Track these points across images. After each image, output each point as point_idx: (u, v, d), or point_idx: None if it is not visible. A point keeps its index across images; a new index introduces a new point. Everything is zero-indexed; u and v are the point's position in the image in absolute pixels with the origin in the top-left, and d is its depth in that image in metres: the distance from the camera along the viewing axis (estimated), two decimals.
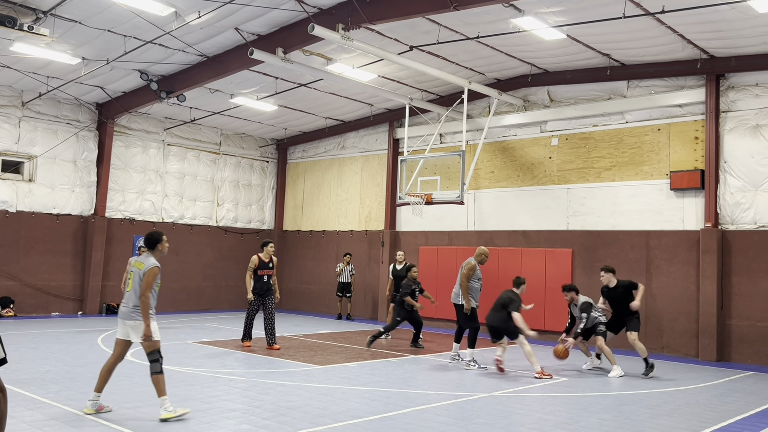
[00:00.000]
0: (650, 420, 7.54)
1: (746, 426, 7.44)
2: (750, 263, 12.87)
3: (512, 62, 14.90)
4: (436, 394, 8.57)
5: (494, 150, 16.95)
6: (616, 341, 12.87)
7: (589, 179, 15.19)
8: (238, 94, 16.96)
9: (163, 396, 6.79)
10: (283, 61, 13.26)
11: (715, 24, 11.66)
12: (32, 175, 16.93)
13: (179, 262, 19.55)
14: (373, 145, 19.78)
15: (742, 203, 13.05)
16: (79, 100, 17.46)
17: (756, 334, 12.68)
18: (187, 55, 14.47)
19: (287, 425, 6.66)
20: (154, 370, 6.88)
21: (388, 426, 6.80)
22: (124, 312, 7.07)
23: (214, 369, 9.86)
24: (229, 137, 21.10)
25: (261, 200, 22.09)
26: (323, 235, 20.71)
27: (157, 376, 6.85)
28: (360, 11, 11.72)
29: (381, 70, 15.28)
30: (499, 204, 16.73)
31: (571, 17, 11.78)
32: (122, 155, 18.52)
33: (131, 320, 7.00)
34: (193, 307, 19.86)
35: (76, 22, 12.47)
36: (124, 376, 8.97)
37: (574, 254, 15.15)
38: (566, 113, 15.55)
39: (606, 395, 8.96)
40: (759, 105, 13.03)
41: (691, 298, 13.46)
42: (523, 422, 7.21)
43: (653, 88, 14.38)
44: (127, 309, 7.05)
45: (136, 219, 18.70)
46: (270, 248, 12.47)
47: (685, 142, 13.91)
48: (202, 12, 11.85)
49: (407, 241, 18.48)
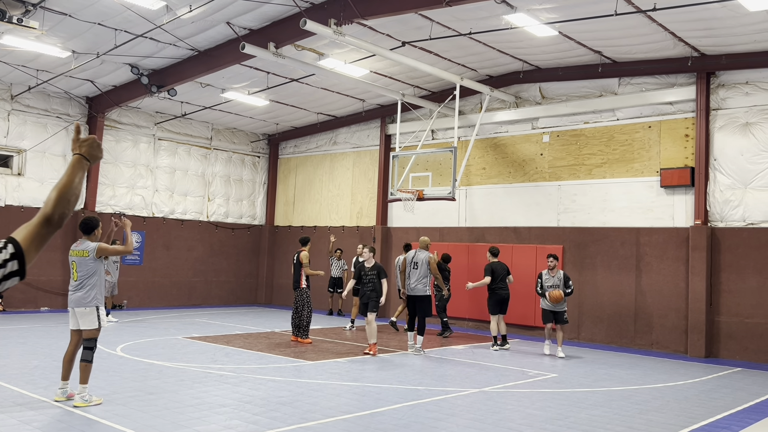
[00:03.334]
0: (639, 416, 7.59)
1: (734, 421, 7.50)
2: (739, 260, 12.96)
3: (504, 59, 14.90)
4: (426, 390, 8.59)
5: (486, 146, 16.97)
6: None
7: (580, 176, 15.23)
8: (230, 89, 16.89)
9: (84, 384, 6.99)
10: (274, 56, 13.21)
11: (706, 22, 11.71)
12: (21, 169, 16.80)
13: (170, 257, 19.48)
14: (365, 140, 19.76)
15: (732, 201, 13.13)
16: (69, 93, 17.33)
17: (744, 330, 12.78)
18: (178, 49, 14.39)
19: (278, 420, 6.66)
20: (85, 357, 7.07)
21: (379, 422, 6.80)
22: (72, 299, 7.21)
23: (204, 364, 9.83)
24: (221, 132, 21.01)
25: (252, 195, 22.03)
26: (314, 231, 20.69)
27: (86, 363, 7.04)
28: (352, 6, 11.69)
29: (373, 66, 15.25)
30: (491, 200, 16.76)
31: (563, 14, 11.80)
32: (112, 149, 18.41)
33: (80, 307, 7.14)
34: (184, 302, 19.79)
35: (66, 15, 12.37)
36: (114, 371, 8.94)
37: (565, 251, 15.20)
38: (558, 110, 15.58)
39: (595, 391, 9.00)
40: (749, 103, 13.10)
41: (680, 295, 13.54)
42: (513, 418, 7.24)
43: (644, 85, 14.43)
44: (75, 296, 7.18)
45: (127, 214, 18.61)
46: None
47: (676, 139, 13.97)
48: (194, 6, 11.78)
49: (399, 237, 18.48)
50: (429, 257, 12.19)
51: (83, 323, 7.15)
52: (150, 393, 7.73)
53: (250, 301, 21.61)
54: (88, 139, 2.28)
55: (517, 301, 15.68)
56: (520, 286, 14.99)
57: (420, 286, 12.04)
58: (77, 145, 2.27)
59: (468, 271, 16.15)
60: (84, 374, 7.02)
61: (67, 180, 2.16)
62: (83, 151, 2.25)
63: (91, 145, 2.28)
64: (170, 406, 7.11)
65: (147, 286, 18.95)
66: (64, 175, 2.17)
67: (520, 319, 15.53)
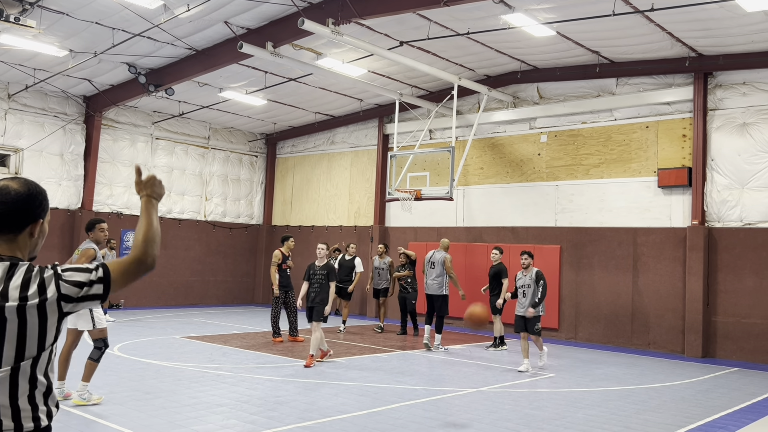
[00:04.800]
0: (636, 415, 7.60)
1: (731, 421, 7.51)
2: (735, 260, 12.98)
3: (502, 59, 14.91)
4: (424, 390, 8.59)
5: (483, 146, 16.98)
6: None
7: (578, 176, 15.25)
8: (227, 88, 16.87)
9: (85, 382, 7.03)
10: (272, 56, 13.20)
11: (703, 22, 11.72)
12: (18, 168, 16.77)
13: (167, 256, 19.45)
14: (363, 140, 19.75)
15: (729, 201, 13.15)
16: (66, 92, 17.30)
17: (740, 330, 12.80)
18: (175, 49, 14.37)
19: (275, 420, 6.65)
20: (92, 355, 7.13)
21: (376, 421, 6.80)
22: None
23: (201, 364, 9.83)
24: (218, 131, 20.99)
25: (250, 195, 22.01)
26: (312, 231, 20.68)
27: (91, 362, 7.10)
28: (350, 6, 11.69)
29: (371, 66, 15.25)
30: (488, 200, 16.77)
31: (561, 14, 11.81)
32: (110, 149, 18.38)
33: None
34: (181, 302, 19.77)
35: (64, 14, 12.35)
36: (111, 371, 8.92)
37: (562, 251, 15.22)
38: (555, 110, 15.59)
39: (592, 391, 9.01)
40: (746, 103, 13.13)
41: (677, 295, 13.56)
42: (510, 417, 7.24)
43: (642, 85, 14.45)
44: None
45: (124, 213, 18.58)
46: (291, 243, 12.97)
47: (673, 139, 13.99)
48: (191, 5, 11.77)
49: (396, 236, 18.49)
50: (444, 257, 12.61)
51: (80, 324, 7.19)
52: (147, 392, 7.72)
53: (247, 300, 21.59)
54: (148, 180, 2.46)
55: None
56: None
57: (435, 285, 12.49)
58: (141, 188, 2.46)
59: (465, 270, 16.16)
60: (87, 371, 7.06)
61: (146, 223, 2.35)
62: (148, 192, 2.45)
63: (153, 184, 2.47)
64: (167, 406, 7.10)
65: (144, 285, 18.93)
66: (143, 219, 2.37)
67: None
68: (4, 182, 2.24)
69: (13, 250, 2.22)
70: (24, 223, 2.23)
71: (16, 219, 2.21)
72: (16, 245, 2.23)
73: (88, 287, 2.14)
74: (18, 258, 2.20)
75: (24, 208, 2.22)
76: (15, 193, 2.21)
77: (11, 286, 2.08)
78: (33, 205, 2.25)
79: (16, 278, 2.10)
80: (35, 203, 2.26)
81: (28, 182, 2.27)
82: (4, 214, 2.19)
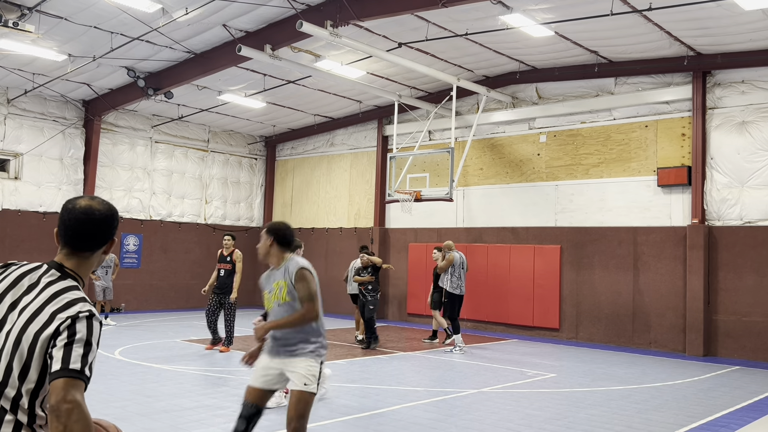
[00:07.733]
0: (638, 415, 7.59)
1: (733, 420, 7.50)
2: (736, 259, 12.98)
3: (501, 59, 14.92)
4: (425, 391, 8.59)
5: (483, 147, 16.98)
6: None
7: (577, 176, 15.25)
8: (226, 91, 16.88)
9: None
10: (271, 58, 13.21)
11: (701, 21, 11.73)
12: (18, 172, 16.78)
13: (167, 259, 19.45)
14: (362, 142, 19.76)
15: (729, 199, 13.16)
16: (65, 97, 17.31)
17: (741, 328, 12.80)
18: (174, 52, 14.38)
19: (276, 423, 6.65)
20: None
21: (378, 423, 6.80)
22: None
23: (203, 367, 9.82)
24: (217, 134, 21.00)
25: (250, 197, 22.01)
26: (312, 233, 20.68)
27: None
28: (348, 8, 11.69)
29: (370, 67, 15.25)
30: (488, 201, 16.77)
31: (559, 14, 11.82)
32: (109, 153, 18.39)
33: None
34: (182, 305, 19.76)
35: (62, 19, 12.36)
36: (112, 374, 8.92)
37: (563, 251, 15.22)
38: (554, 110, 15.60)
39: (594, 390, 9.01)
40: (745, 102, 13.13)
41: (678, 294, 13.55)
42: (512, 418, 7.24)
43: (641, 85, 14.45)
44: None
45: (124, 217, 18.57)
46: (226, 241, 11.81)
47: (672, 138, 14.00)
48: (190, 8, 11.78)
49: (396, 238, 18.49)
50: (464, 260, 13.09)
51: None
52: (148, 396, 7.72)
53: (248, 303, 21.57)
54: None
55: (517, 301, 15.70)
56: (517, 286, 15.00)
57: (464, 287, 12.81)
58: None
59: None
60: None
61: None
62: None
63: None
64: (169, 410, 7.10)
65: (145, 289, 18.93)
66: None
67: (520, 319, 15.54)
68: (85, 203, 2.23)
69: (79, 267, 2.21)
70: (103, 242, 2.25)
71: (98, 239, 2.23)
72: (87, 263, 2.23)
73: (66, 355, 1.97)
74: (78, 276, 2.18)
75: (105, 228, 2.24)
76: (99, 213, 2.22)
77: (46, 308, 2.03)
78: (114, 225, 2.27)
79: (56, 302, 2.05)
80: (115, 223, 2.28)
81: (106, 202, 2.28)
82: (90, 236, 2.21)
